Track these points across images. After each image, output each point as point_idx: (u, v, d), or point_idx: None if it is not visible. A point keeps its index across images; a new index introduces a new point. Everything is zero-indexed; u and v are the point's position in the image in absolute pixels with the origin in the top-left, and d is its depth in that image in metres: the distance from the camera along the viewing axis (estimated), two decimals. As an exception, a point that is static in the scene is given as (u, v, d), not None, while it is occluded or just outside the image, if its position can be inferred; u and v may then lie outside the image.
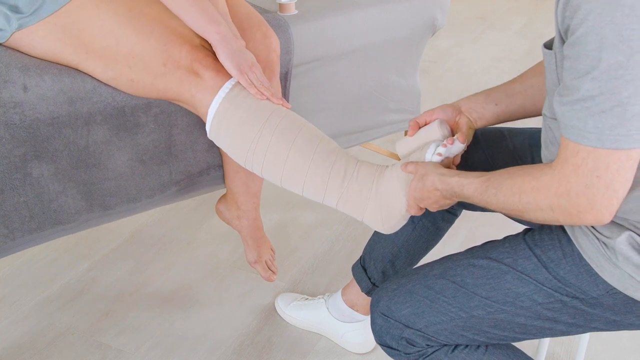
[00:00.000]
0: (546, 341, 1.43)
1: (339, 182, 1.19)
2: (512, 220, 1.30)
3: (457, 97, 2.97)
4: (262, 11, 1.61)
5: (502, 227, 1.24)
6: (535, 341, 1.47)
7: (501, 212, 1.01)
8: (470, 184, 1.01)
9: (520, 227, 1.17)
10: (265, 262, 1.66)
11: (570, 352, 1.62)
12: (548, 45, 0.96)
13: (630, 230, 0.93)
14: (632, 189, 0.89)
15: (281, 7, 1.63)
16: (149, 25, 1.23)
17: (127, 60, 1.24)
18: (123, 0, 1.24)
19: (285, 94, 1.61)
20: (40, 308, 1.75)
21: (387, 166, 1.20)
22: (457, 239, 1.96)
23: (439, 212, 1.38)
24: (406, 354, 1.10)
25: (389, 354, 1.13)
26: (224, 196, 1.61)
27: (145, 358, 1.60)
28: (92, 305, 1.76)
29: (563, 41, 0.87)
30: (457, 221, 1.50)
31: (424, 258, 1.47)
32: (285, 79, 1.59)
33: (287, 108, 1.24)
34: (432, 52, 3.48)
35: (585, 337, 1.43)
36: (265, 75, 1.42)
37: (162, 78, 1.24)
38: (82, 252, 1.96)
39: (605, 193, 0.85)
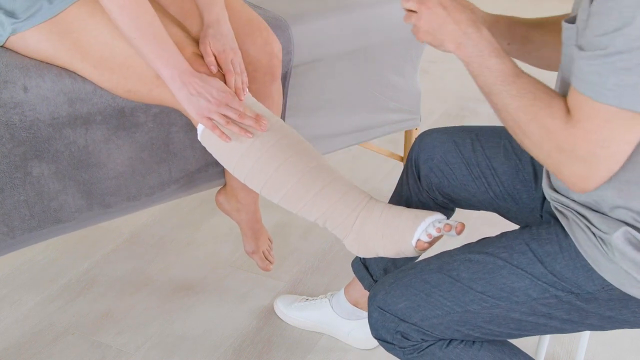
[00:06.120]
0: (546, 341, 1.43)
1: (325, 207, 1.21)
2: (511, 222, 1.30)
3: (457, 98, 2.97)
4: (263, 11, 1.61)
5: (502, 227, 1.23)
6: (535, 340, 1.47)
7: (497, 111, 0.95)
8: (502, 61, 0.94)
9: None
10: (263, 252, 1.67)
11: (570, 352, 1.62)
12: (569, 21, 0.94)
13: (627, 224, 0.93)
14: (635, 174, 0.89)
15: None
16: None
17: (122, 71, 1.24)
18: None
19: (285, 94, 1.62)
20: (40, 308, 1.75)
21: (372, 200, 1.21)
22: (457, 238, 1.96)
23: (435, 209, 1.37)
24: (401, 347, 1.10)
25: (384, 348, 1.14)
26: (223, 188, 1.62)
27: (145, 358, 1.60)
28: (92, 305, 1.76)
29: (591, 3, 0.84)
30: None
31: (424, 254, 1.47)
32: (285, 79, 1.60)
33: (262, 131, 1.20)
34: (432, 52, 3.47)
35: (585, 337, 1.43)
36: (267, 80, 1.42)
37: (157, 88, 1.25)
38: (82, 252, 1.96)
39: (606, 165, 0.85)
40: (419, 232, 1.13)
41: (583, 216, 0.98)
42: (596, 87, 0.81)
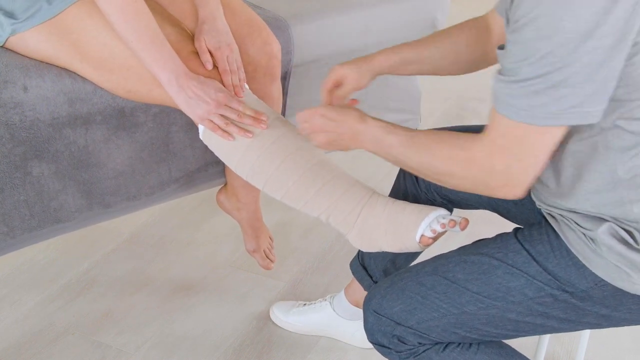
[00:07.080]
0: (545, 341, 1.43)
1: (326, 203, 1.21)
2: (512, 222, 1.30)
3: (457, 97, 2.97)
4: (263, 11, 1.61)
5: (501, 226, 1.24)
6: (535, 340, 1.47)
7: (416, 172, 1.04)
8: (395, 134, 1.04)
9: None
10: (264, 250, 1.67)
11: (570, 352, 1.62)
12: (501, 47, 1.01)
13: (610, 221, 0.95)
14: (601, 183, 0.94)
15: None
16: None
17: (122, 71, 1.24)
18: None
19: (285, 94, 1.62)
20: (40, 308, 1.75)
21: (374, 194, 1.21)
22: (457, 238, 1.96)
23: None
24: (397, 352, 1.10)
25: (381, 352, 1.13)
26: (224, 187, 1.62)
27: (145, 358, 1.60)
28: (92, 305, 1.76)
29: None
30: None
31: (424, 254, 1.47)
32: (285, 79, 1.60)
33: (263, 129, 1.21)
34: (432, 52, 3.47)
35: (585, 337, 1.43)
36: (266, 80, 1.42)
37: (157, 88, 1.24)
38: (82, 252, 1.96)
39: (524, 173, 0.91)
40: (422, 228, 1.13)
41: (569, 217, 1.00)
42: (511, 107, 0.89)
